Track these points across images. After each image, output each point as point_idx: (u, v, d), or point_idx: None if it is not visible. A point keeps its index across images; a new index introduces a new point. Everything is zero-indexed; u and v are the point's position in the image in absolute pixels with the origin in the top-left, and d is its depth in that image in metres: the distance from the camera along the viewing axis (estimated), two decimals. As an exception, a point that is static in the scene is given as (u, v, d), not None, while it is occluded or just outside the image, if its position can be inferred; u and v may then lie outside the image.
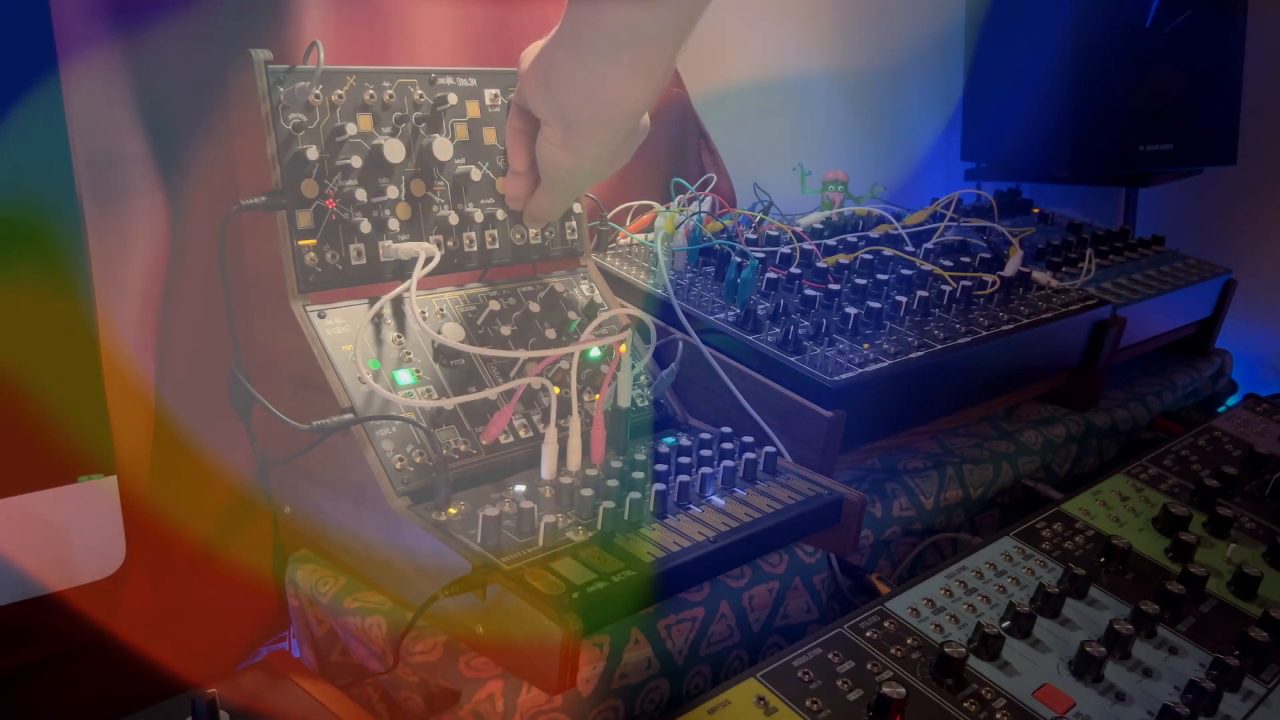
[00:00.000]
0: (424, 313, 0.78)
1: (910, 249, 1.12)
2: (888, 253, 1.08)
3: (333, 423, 0.69)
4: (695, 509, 0.71)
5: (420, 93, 0.79)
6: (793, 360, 0.84)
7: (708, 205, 1.06)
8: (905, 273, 1.02)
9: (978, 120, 1.60)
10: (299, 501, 0.79)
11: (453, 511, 0.67)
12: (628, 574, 0.62)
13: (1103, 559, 0.82)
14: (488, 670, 0.63)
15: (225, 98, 0.74)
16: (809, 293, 0.95)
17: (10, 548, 0.63)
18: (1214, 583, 0.81)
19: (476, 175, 0.82)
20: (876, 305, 0.94)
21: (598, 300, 0.89)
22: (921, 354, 0.89)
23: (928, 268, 1.05)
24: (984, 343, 0.95)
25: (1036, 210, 1.46)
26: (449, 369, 0.76)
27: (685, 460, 0.74)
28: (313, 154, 0.72)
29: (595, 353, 0.83)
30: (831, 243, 1.10)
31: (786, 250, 1.02)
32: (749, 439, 0.80)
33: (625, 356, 0.78)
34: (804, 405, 0.81)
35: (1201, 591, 0.80)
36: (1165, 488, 0.96)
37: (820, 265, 1.02)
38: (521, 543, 0.64)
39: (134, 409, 0.77)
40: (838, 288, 0.96)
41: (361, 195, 0.75)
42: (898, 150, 1.69)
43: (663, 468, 0.73)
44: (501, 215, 0.84)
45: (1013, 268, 1.09)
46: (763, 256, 0.98)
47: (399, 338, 0.75)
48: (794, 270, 0.98)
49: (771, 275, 0.97)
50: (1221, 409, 1.24)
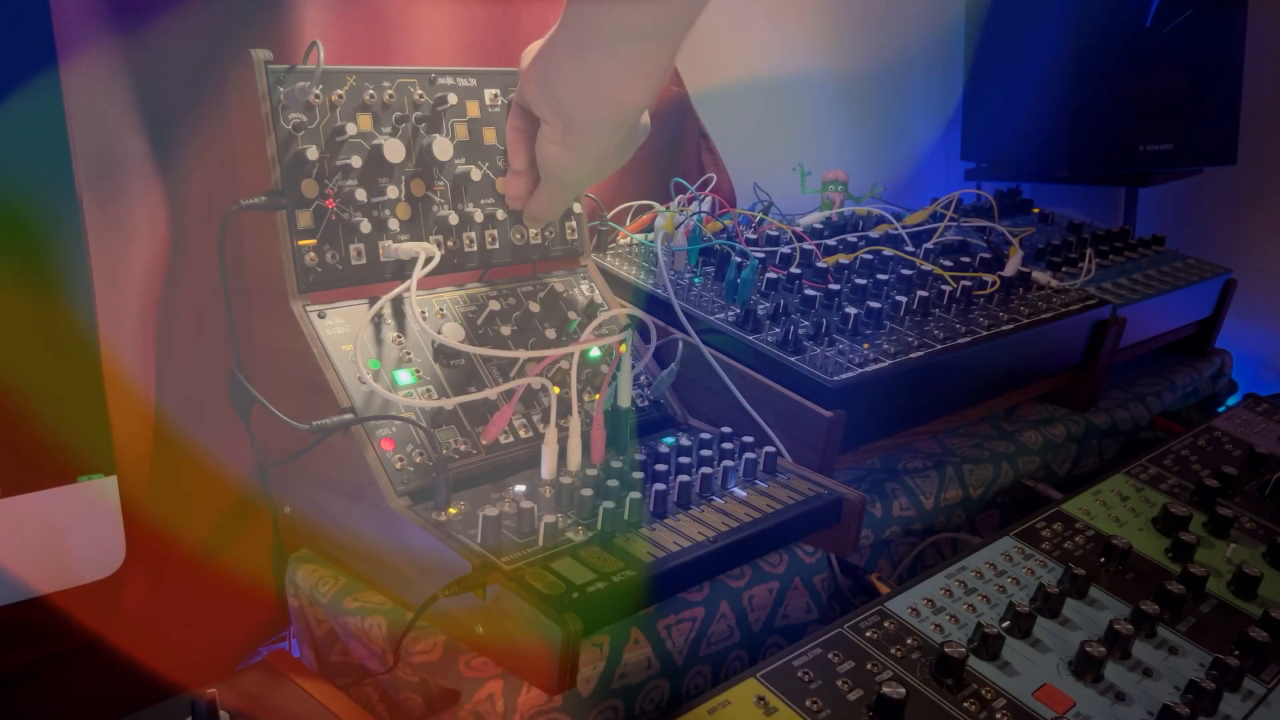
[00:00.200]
0: (424, 313, 0.78)
1: (910, 249, 1.12)
2: (888, 253, 1.08)
3: (333, 423, 0.69)
4: (695, 509, 0.71)
5: (420, 93, 0.79)
6: (793, 360, 0.84)
7: (708, 205, 1.06)
8: (905, 273, 1.02)
9: (978, 120, 1.60)
10: (299, 501, 0.79)
11: (453, 511, 0.67)
12: (627, 574, 0.62)
13: (1103, 559, 0.82)
14: (488, 670, 0.63)
15: (225, 97, 0.74)
16: (809, 293, 0.95)
17: (10, 548, 0.63)
18: (1214, 583, 0.81)
19: (476, 175, 0.82)
20: (876, 305, 0.94)
21: (598, 300, 0.89)
22: (921, 354, 0.89)
23: (928, 268, 1.05)
24: (984, 343, 0.95)
25: (1036, 210, 1.46)
26: (449, 369, 0.76)
27: (685, 460, 0.74)
28: (313, 154, 0.72)
29: (595, 353, 0.83)
30: (831, 243, 1.10)
31: (786, 250, 1.02)
32: (749, 439, 0.80)
33: (625, 356, 0.78)
34: (804, 405, 0.81)
35: (1201, 591, 0.80)
36: (1165, 488, 0.96)
37: (820, 265, 1.02)
38: (521, 543, 0.64)
39: (134, 409, 0.77)
40: (838, 288, 0.96)
41: (361, 195, 0.75)
42: (898, 150, 1.69)
43: (663, 468, 0.73)
44: (501, 215, 0.84)
45: (1013, 268, 1.09)
46: (763, 256, 0.98)
47: (399, 338, 0.75)
48: (794, 270, 0.98)
49: (771, 275, 0.97)
50: (1221, 409, 1.24)
